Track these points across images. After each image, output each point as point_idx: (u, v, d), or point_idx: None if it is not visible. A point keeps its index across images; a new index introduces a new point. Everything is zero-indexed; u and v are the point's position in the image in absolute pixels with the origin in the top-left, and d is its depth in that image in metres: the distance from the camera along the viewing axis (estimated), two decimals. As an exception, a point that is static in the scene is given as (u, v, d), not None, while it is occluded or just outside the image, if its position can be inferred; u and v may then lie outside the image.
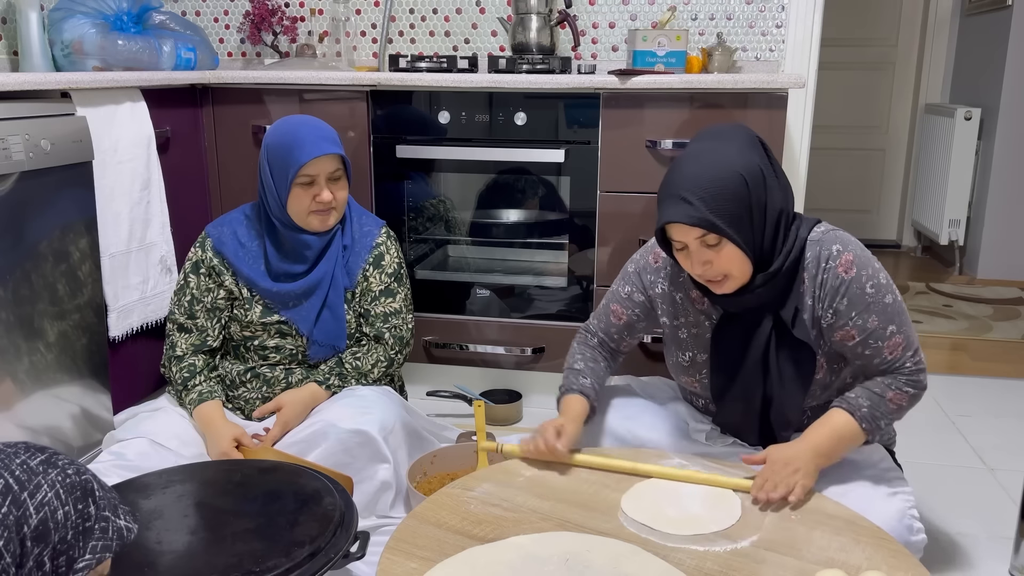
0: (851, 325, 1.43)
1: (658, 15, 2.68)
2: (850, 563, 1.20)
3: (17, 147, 1.72)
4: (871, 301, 1.42)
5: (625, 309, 1.67)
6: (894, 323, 1.43)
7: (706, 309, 1.56)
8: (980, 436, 2.38)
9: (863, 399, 1.44)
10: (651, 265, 1.63)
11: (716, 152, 1.39)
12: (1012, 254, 4.08)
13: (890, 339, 1.43)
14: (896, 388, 1.44)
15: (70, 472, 0.90)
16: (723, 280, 1.42)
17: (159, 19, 2.46)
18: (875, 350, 1.44)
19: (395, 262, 1.98)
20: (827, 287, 1.44)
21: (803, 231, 1.45)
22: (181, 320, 1.92)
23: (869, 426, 1.43)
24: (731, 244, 1.38)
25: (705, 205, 1.35)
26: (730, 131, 1.44)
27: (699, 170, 1.38)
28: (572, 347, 1.73)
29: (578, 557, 1.21)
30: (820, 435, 1.43)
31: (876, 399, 1.44)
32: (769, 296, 1.45)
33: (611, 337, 1.71)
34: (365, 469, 1.72)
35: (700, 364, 1.58)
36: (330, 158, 1.83)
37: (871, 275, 1.43)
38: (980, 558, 1.77)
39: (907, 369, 1.45)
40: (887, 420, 1.45)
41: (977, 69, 4.23)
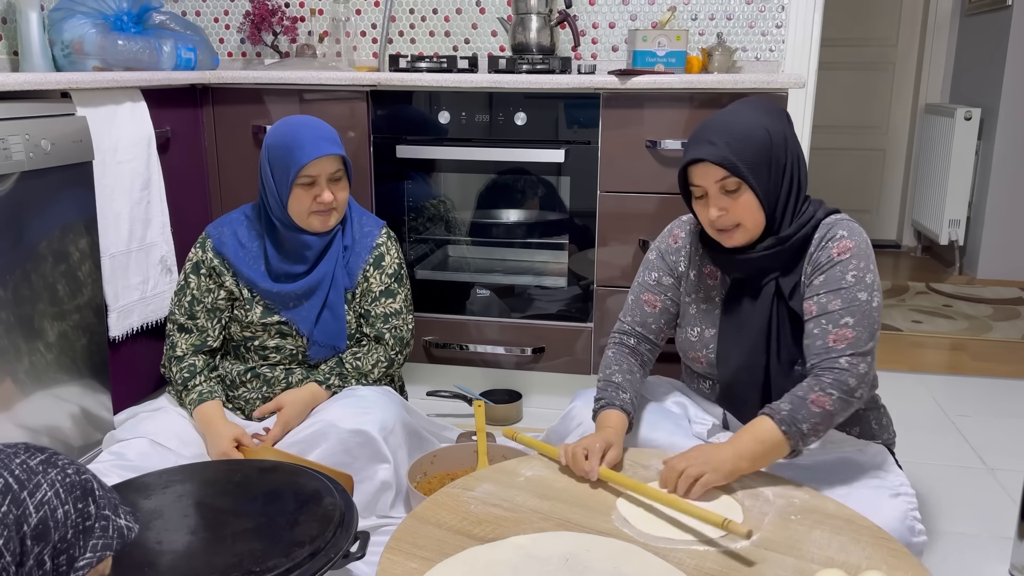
0: (814, 300, 1.46)
1: (658, 15, 2.68)
2: (850, 563, 1.20)
3: (17, 147, 1.72)
4: (843, 287, 1.44)
5: (657, 296, 1.68)
6: (853, 317, 1.42)
7: (717, 284, 1.61)
8: (980, 436, 2.38)
9: (784, 403, 1.42)
10: (672, 246, 1.68)
11: (747, 109, 1.50)
12: (1012, 254, 4.08)
13: (839, 328, 1.42)
14: (820, 389, 1.40)
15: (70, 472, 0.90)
16: (734, 230, 1.48)
17: (159, 19, 2.47)
18: (821, 332, 1.44)
19: (395, 262, 1.98)
20: (816, 261, 1.48)
21: (820, 213, 1.51)
22: (181, 320, 1.92)
23: (788, 429, 1.38)
24: (748, 192, 1.45)
25: (730, 148, 1.44)
26: (759, 101, 1.55)
27: (728, 119, 1.48)
28: (606, 355, 1.68)
29: (578, 557, 1.21)
30: (742, 439, 1.41)
31: (797, 401, 1.40)
32: (774, 262, 1.50)
33: (648, 329, 1.68)
34: (365, 469, 1.72)
35: (707, 339, 1.61)
36: (331, 159, 1.83)
37: (859, 268, 1.45)
38: (980, 558, 1.77)
39: (838, 366, 1.40)
40: (810, 424, 1.39)
41: (977, 69, 4.24)
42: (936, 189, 4.26)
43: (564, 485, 1.44)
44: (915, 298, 3.81)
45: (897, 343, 3.18)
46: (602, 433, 1.49)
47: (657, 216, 2.23)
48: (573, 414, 1.73)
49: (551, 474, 1.47)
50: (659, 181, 2.24)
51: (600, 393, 1.60)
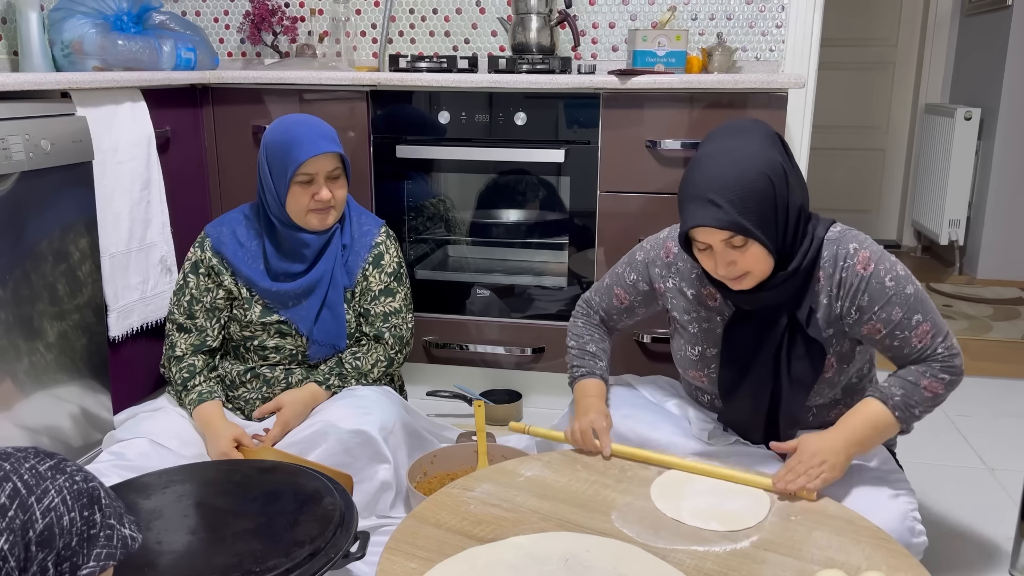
0: (876, 319, 1.44)
1: (658, 15, 2.68)
2: (850, 563, 1.20)
3: (17, 147, 1.72)
4: (892, 293, 1.42)
5: (628, 295, 1.69)
6: (919, 312, 1.43)
7: (718, 306, 1.57)
8: (980, 436, 2.38)
9: (896, 388, 1.44)
10: (662, 259, 1.63)
11: (739, 151, 1.38)
12: (1012, 254, 4.08)
13: (917, 328, 1.43)
14: (931, 376, 1.43)
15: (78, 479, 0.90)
16: (743, 277, 1.42)
17: (159, 19, 2.46)
18: (903, 340, 1.44)
19: (395, 261, 1.98)
20: (846, 285, 1.44)
21: (820, 230, 1.47)
22: (180, 320, 1.92)
23: (902, 414, 1.42)
24: (756, 245, 1.38)
25: (733, 208, 1.35)
26: (749, 127, 1.43)
27: (724, 170, 1.36)
28: (576, 323, 1.76)
29: (578, 557, 1.21)
30: (853, 424, 1.43)
31: (910, 387, 1.43)
32: (786, 294, 1.46)
33: (611, 317, 1.75)
34: (365, 469, 1.72)
35: (709, 359, 1.58)
36: (329, 157, 1.83)
37: (889, 268, 1.44)
38: (980, 558, 1.77)
39: (940, 355, 1.43)
40: (922, 408, 1.43)
41: (977, 69, 4.23)
42: (936, 189, 4.26)
43: (564, 485, 1.44)
44: (915, 298, 3.81)
45: (897, 343, 3.18)
46: (597, 407, 1.58)
47: (657, 216, 2.23)
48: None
49: (551, 474, 1.48)
50: (659, 181, 2.24)
51: (577, 361, 1.68)
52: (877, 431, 1.43)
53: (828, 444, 1.40)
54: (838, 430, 1.43)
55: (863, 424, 1.43)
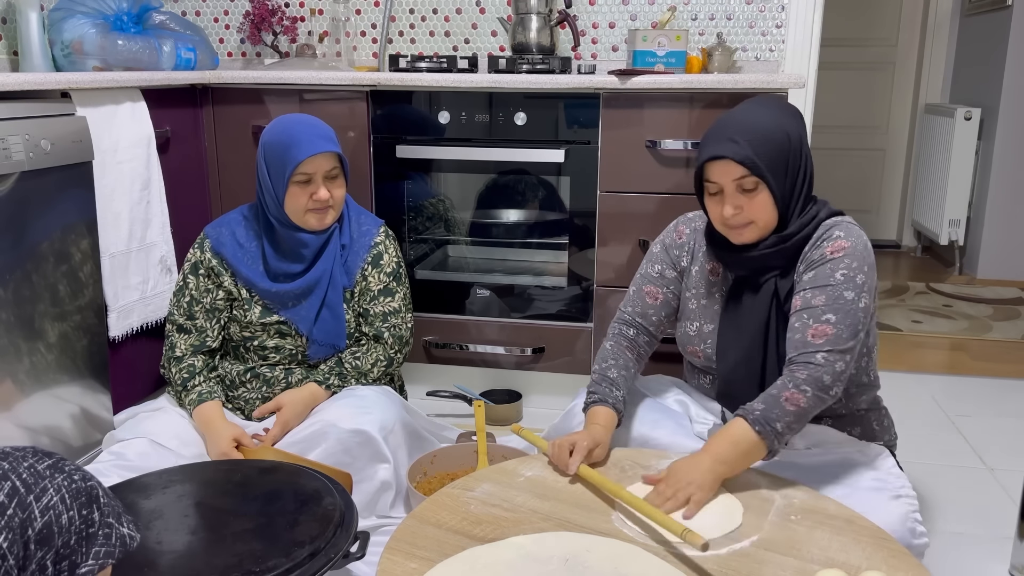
0: (800, 295, 1.46)
1: (658, 15, 2.68)
2: (850, 563, 1.20)
3: (17, 147, 1.72)
4: (830, 284, 1.43)
5: (660, 288, 1.69)
6: (835, 314, 1.41)
7: (718, 281, 1.61)
8: (980, 436, 2.38)
9: (758, 402, 1.40)
10: (676, 241, 1.68)
11: (766, 109, 1.50)
12: (1012, 254, 4.08)
13: (820, 324, 1.41)
14: (794, 387, 1.38)
15: (76, 478, 0.90)
16: (746, 227, 1.48)
17: (159, 19, 2.46)
18: (801, 326, 1.43)
19: (394, 261, 1.98)
20: (808, 260, 1.48)
21: (823, 213, 1.51)
22: (180, 321, 1.92)
23: (763, 429, 1.37)
24: (765, 191, 1.46)
25: (751, 147, 1.43)
26: (775, 100, 1.55)
27: (748, 117, 1.47)
28: (605, 347, 1.68)
29: (578, 557, 1.21)
30: (718, 443, 1.39)
31: (771, 400, 1.39)
32: (776, 261, 1.50)
33: (648, 320, 1.68)
34: (365, 469, 1.72)
35: (705, 334, 1.62)
36: (327, 156, 1.83)
37: (850, 268, 1.44)
38: (980, 558, 1.77)
39: (814, 362, 1.39)
40: (784, 423, 1.37)
41: (977, 69, 4.24)
42: (936, 189, 4.26)
43: (564, 485, 1.44)
44: (915, 298, 3.81)
45: (897, 343, 3.18)
46: (591, 430, 1.50)
47: (657, 216, 2.23)
48: (574, 412, 1.73)
49: (551, 474, 1.47)
50: (659, 181, 2.24)
51: (593, 387, 1.61)
52: (739, 449, 1.38)
53: (695, 465, 1.37)
54: (705, 450, 1.40)
55: (726, 443, 1.38)
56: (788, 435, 1.40)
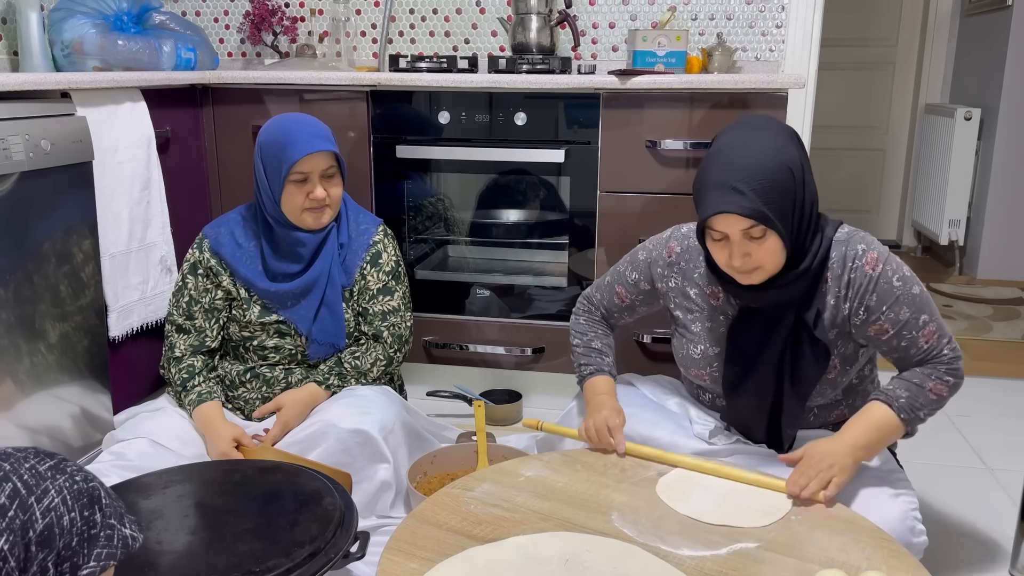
0: (883, 319, 1.44)
1: (658, 15, 2.68)
2: (850, 563, 1.20)
3: (17, 147, 1.72)
4: (900, 293, 1.43)
5: (629, 294, 1.69)
6: (926, 312, 1.44)
7: (720, 304, 1.57)
8: (980, 436, 2.38)
9: (901, 390, 1.44)
10: (664, 259, 1.63)
11: (762, 143, 1.38)
12: (1012, 254, 4.08)
13: (924, 328, 1.44)
14: (936, 378, 1.44)
15: (78, 479, 0.90)
16: (754, 271, 1.42)
17: (159, 19, 2.46)
18: (911, 340, 1.44)
19: (392, 260, 1.98)
20: (855, 285, 1.45)
21: (829, 231, 1.47)
22: (179, 321, 1.92)
23: (908, 416, 1.43)
24: (774, 237, 1.38)
25: (757, 196, 1.34)
26: (768, 123, 1.44)
27: (749, 159, 1.36)
28: (578, 321, 1.77)
29: (578, 557, 1.21)
30: (858, 428, 1.43)
31: (915, 389, 1.44)
32: (794, 294, 1.46)
33: (611, 315, 1.76)
34: (365, 469, 1.72)
35: (711, 357, 1.58)
36: (323, 155, 1.83)
37: (896, 268, 1.45)
38: (980, 558, 1.77)
39: (945, 357, 1.45)
40: (927, 411, 1.44)
41: (977, 69, 4.23)
42: (936, 189, 4.26)
43: (564, 485, 1.44)
44: (915, 298, 3.81)
45: (897, 343, 3.18)
46: (606, 402, 1.58)
47: (657, 216, 2.23)
48: (574, 413, 1.73)
49: (551, 474, 1.48)
50: (659, 181, 2.23)
51: (584, 359, 1.67)
52: (882, 434, 1.43)
53: (834, 448, 1.40)
54: (843, 434, 1.43)
55: (868, 428, 1.43)
56: (925, 421, 1.46)
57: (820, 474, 1.37)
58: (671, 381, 1.81)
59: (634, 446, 1.52)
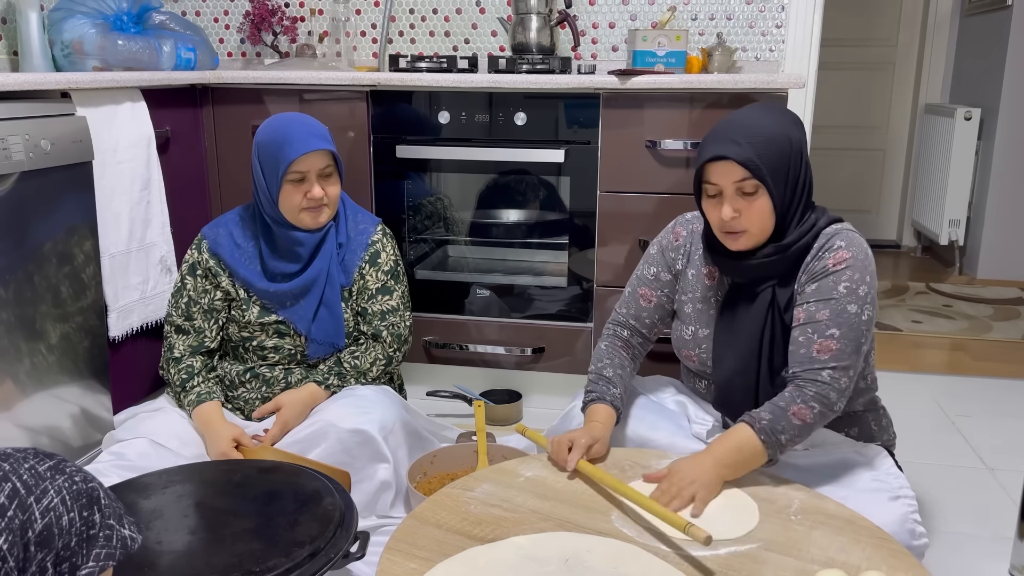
0: (803, 308, 1.46)
1: (658, 15, 2.68)
2: (850, 563, 1.20)
3: (17, 147, 1.72)
4: (834, 297, 1.43)
5: (654, 291, 1.68)
6: (839, 329, 1.42)
7: (715, 285, 1.60)
8: (980, 436, 2.38)
9: (765, 412, 1.42)
10: (673, 243, 1.67)
11: (768, 113, 1.48)
12: (1012, 254, 4.08)
13: (824, 339, 1.42)
14: (802, 401, 1.40)
15: (77, 479, 0.90)
16: (742, 234, 1.46)
17: (159, 19, 2.47)
18: (806, 340, 1.43)
19: (391, 259, 1.98)
20: (810, 271, 1.47)
21: (822, 221, 1.50)
22: (178, 322, 1.92)
23: (768, 439, 1.39)
24: (765, 196, 1.43)
25: (754, 149, 1.41)
26: (776, 106, 1.54)
27: (751, 121, 1.45)
28: (599, 347, 1.70)
29: (578, 557, 1.21)
30: (721, 447, 1.41)
31: (779, 412, 1.41)
32: (773, 270, 1.49)
33: (642, 323, 1.70)
34: (365, 469, 1.72)
35: (700, 339, 1.61)
36: (320, 154, 1.83)
37: (853, 280, 1.44)
38: (980, 558, 1.77)
39: (820, 378, 1.41)
40: (789, 435, 1.40)
41: (977, 69, 4.23)
42: (936, 189, 4.26)
43: (564, 486, 1.44)
44: (915, 298, 3.81)
45: (897, 343, 3.18)
46: (590, 427, 1.52)
47: (657, 216, 2.23)
48: (573, 414, 1.73)
49: (551, 474, 1.47)
50: (659, 181, 2.24)
51: (591, 386, 1.63)
52: (743, 455, 1.40)
53: (697, 465, 1.38)
54: (707, 452, 1.41)
55: (730, 447, 1.40)
56: (790, 447, 1.42)
57: (682, 491, 1.35)
58: (670, 381, 1.82)
59: (585, 465, 1.45)
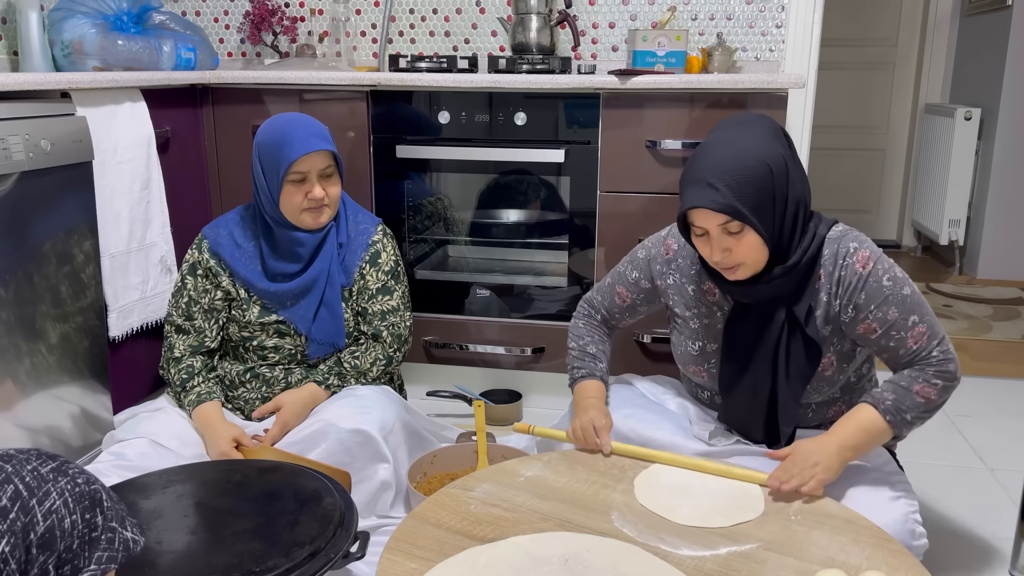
0: (871, 318, 1.44)
1: (658, 15, 2.68)
2: (850, 563, 1.20)
3: (17, 147, 1.72)
4: (889, 293, 1.43)
5: (630, 293, 1.69)
6: (915, 313, 1.43)
7: (717, 300, 1.58)
8: (980, 436, 2.38)
9: (888, 392, 1.44)
10: (662, 256, 1.64)
11: (742, 140, 1.40)
12: (1012, 254, 4.08)
13: (912, 329, 1.43)
14: (924, 380, 1.42)
15: (80, 481, 0.90)
16: (737, 268, 1.43)
17: (159, 19, 2.46)
18: (899, 341, 1.44)
19: (392, 259, 1.98)
20: (845, 283, 1.45)
21: (822, 229, 1.47)
22: (179, 322, 1.92)
23: (894, 419, 1.42)
24: (752, 232, 1.39)
25: (731, 191, 1.36)
26: (754, 120, 1.46)
27: (725, 156, 1.38)
28: (577, 324, 1.77)
29: (578, 557, 1.21)
30: (845, 429, 1.43)
31: (901, 392, 1.43)
32: (784, 289, 1.46)
33: (612, 316, 1.76)
34: (365, 469, 1.72)
35: (709, 354, 1.59)
36: (321, 155, 1.83)
37: (887, 268, 1.45)
38: (980, 558, 1.77)
39: (934, 359, 1.43)
40: (914, 414, 1.42)
41: (977, 69, 4.23)
42: (936, 189, 4.26)
43: (564, 485, 1.44)
44: (915, 298, 3.81)
45: (897, 343, 3.18)
46: (594, 405, 1.60)
47: (657, 216, 2.23)
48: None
49: (551, 474, 1.48)
50: (659, 181, 2.24)
51: (577, 363, 1.69)
52: (870, 436, 1.43)
53: (821, 447, 1.41)
54: (831, 435, 1.43)
55: (855, 429, 1.43)
56: (916, 425, 1.44)
57: (803, 471, 1.38)
58: (671, 381, 1.81)
59: (620, 446, 1.53)
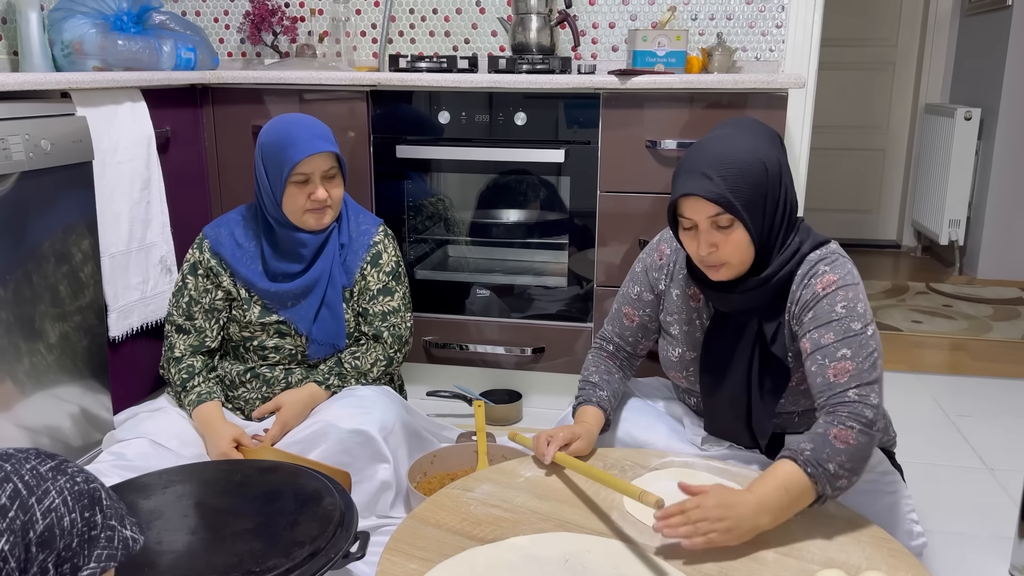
0: (807, 337, 1.37)
1: (658, 15, 2.68)
2: (850, 563, 1.20)
3: (17, 147, 1.72)
4: (834, 319, 1.35)
5: (636, 310, 1.66)
6: (849, 348, 1.33)
7: (699, 307, 1.56)
8: (980, 436, 2.38)
9: (806, 441, 1.29)
10: (656, 262, 1.64)
11: (740, 137, 1.40)
12: (1012, 254, 4.08)
13: (838, 362, 1.33)
14: (838, 423, 1.28)
15: (79, 480, 0.90)
16: (721, 267, 1.41)
17: (159, 19, 2.47)
18: (819, 368, 1.34)
19: (393, 260, 1.98)
20: (801, 302, 1.41)
21: (805, 247, 1.43)
22: (179, 321, 1.92)
23: (815, 471, 1.26)
24: (741, 229, 1.37)
25: (725, 183, 1.35)
26: (753, 124, 1.45)
27: (722, 150, 1.37)
28: (587, 359, 1.71)
29: (578, 557, 1.21)
30: (766, 487, 1.26)
31: (819, 440, 1.28)
32: (758, 301, 1.44)
33: (626, 340, 1.69)
34: (365, 469, 1.72)
35: (688, 361, 1.58)
36: (324, 156, 1.83)
37: (847, 298, 1.37)
38: (980, 558, 1.77)
39: (848, 399, 1.30)
40: (837, 463, 1.26)
41: (977, 69, 4.24)
42: (936, 189, 4.26)
43: (564, 486, 1.44)
44: (915, 298, 3.81)
45: (897, 343, 3.18)
46: (571, 425, 1.55)
47: (657, 216, 2.23)
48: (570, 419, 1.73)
49: (551, 475, 1.47)
50: (659, 181, 2.24)
51: (578, 392, 1.65)
52: (791, 497, 1.25)
53: (738, 506, 1.23)
54: (751, 492, 1.25)
55: (776, 488, 1.25)
56: (843, 480, 1.28)
57: (700, 524, 1.20)
58: (666, 383, 1.81)
59: (563, 457, 1.45)
